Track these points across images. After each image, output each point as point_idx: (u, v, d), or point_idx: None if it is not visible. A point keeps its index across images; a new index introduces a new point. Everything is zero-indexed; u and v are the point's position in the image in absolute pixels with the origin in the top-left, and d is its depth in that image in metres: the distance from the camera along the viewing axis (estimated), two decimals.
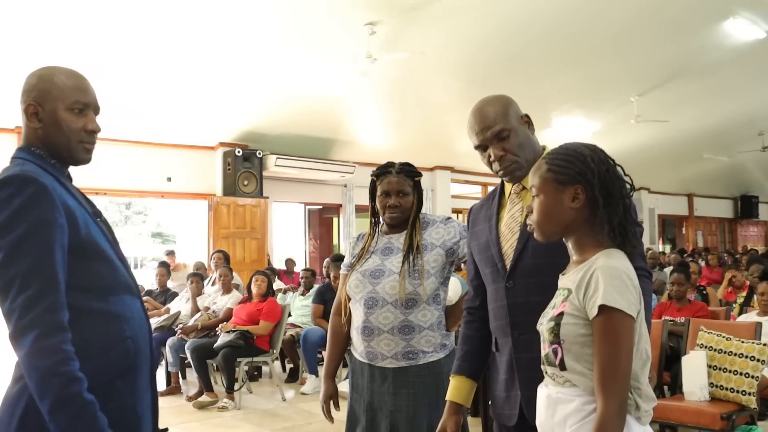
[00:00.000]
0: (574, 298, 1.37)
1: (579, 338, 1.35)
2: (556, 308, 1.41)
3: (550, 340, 1.39)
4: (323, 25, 6.80)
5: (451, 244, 2.27)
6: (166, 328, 6.12)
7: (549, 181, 1.43)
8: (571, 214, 1.42)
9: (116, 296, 1.49)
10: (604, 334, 1.31)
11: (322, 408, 2.34)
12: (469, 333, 1.89)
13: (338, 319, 2.37)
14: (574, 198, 1.41)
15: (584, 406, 1.34)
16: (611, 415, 1.28)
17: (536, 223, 1.46)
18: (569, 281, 1.41)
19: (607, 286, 1.31)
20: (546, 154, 1.52)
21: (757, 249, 14.90)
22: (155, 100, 7.84)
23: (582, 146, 1.47)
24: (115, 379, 1.45)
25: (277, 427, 4.91)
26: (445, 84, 8.56)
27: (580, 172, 1.41)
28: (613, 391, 1.28)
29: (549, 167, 1.44)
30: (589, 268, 1.37)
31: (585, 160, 1.42)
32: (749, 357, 3.66)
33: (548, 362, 1.42)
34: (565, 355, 1.36)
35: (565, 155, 1.45)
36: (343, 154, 10.10)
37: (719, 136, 12.35)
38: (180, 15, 6.29)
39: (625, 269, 1.36)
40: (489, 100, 1.78)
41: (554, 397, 1.40)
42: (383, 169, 2.34)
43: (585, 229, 1.43)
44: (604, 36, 7.67)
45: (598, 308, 1.31)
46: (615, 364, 1.29)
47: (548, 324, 1.40)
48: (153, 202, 17.99)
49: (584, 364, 1.35)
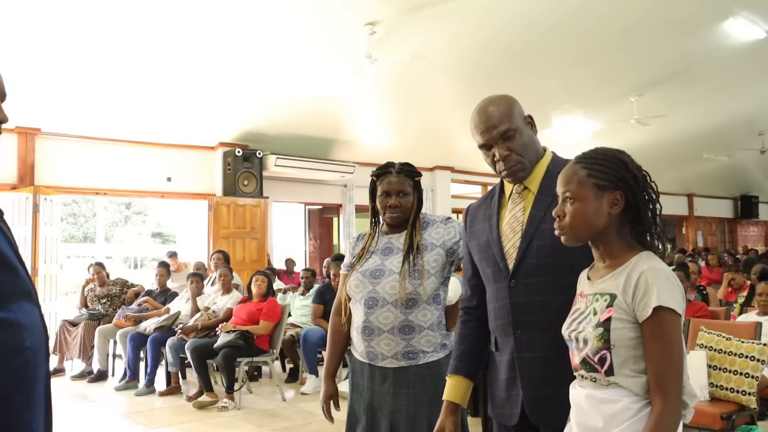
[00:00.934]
0: (621, 302, 1.38)
1: (629, 341, 1.37)
2: (600, 314, 1.40)
3: (598, 347, 1.38)
4: (323, 25, 6.81)
5: (451, 244, 2.27)
6: (166, 328, 6.12)
7: (588, 187, 1.43)
8: (607, 219, 1.43)
9: (16, 304, 1.32)
10: (659, 334, 1.33)
11: (322, 408, 2.34)
12: (465, 332, 1.88)
13: (338, 319, 2.37)
14: (612, 204, 1.42)
15: (631, 405, 1.36)
16: (671, 412, 1.31)
17: (570, 227, 1.45)
18: (611, 285, 1.41)
19: (659, 287, 1.34)
20: (577, 157, 1.52)
21: (757, 249, 14.89)
22: (155, 100, 7.84)
23: (618, 152, 1.49)
24: (12, 394, 1.30)
25: (277, 427, 4.91)
26: (445, 84, 8.56)
27: (621, 179, 1.43)
28: (672, 388, 1.31)
29: (589, 172, 1.44)
30: (631, 271, 1.39)
31: (626, 166, 1.45)
32: (749, 357, 3.66)
33: (588, 368, 1.42)
34: (614, 358, 1.37)
35: (604, 160, 1.45)
36: (343, 154, 10.10)
37: (719, 136, 12.35)
38: (180, 15, 6.29)
39: (668, 270, 1.39)
40: (494, 100, 1.78)
41: (598, 397, 1.40)
42: (383, 169, 2.34)
43: (616, 234, 1.45)
44: (604, 36, 7.67)
45: (653, 309, 1.33)
46: (672, 363, 1.32)
47: (596, 330, 1.39)
48: (153, 202, 18.02)
49: (631, 366, 1.37)
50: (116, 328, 6.53)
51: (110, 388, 6.20)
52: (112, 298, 7.12)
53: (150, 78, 7.33)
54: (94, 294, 7.16)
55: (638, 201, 1.42)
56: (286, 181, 9.89)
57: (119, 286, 7.29)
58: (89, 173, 8.39)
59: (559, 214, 1.46)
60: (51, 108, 7.66)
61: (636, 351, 1.36)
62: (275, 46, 7.08)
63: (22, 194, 7.73)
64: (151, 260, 19.56)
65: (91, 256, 17.42)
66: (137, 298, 6.99)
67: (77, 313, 7.14)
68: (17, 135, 7.87)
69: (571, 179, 1.45)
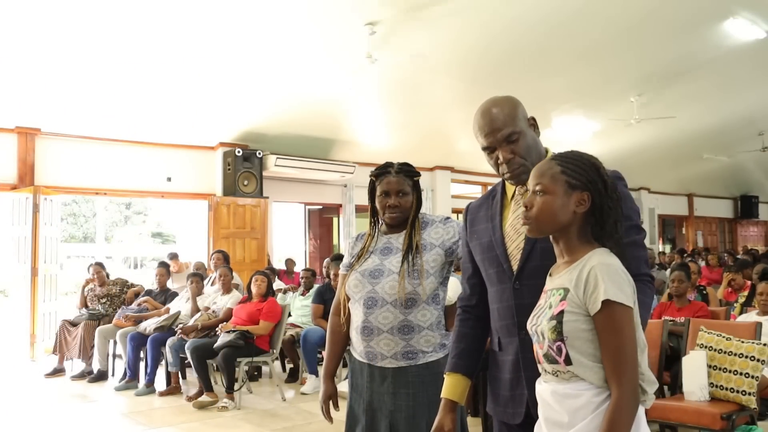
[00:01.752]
0: (574, 296, 1.44)
1: (581, 333, 1.42)
2: (554, 307, 1.46)
3: (552, 338, 1.44)
4: (323, 25, 6.81)
5: (450, 243, 2.27)
6: (166, 328, 6.12)
7: (560, 183, 1.49)
8: (571, 216, 1.49)
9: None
10: (609, 326, 1.39)
11: (321, 408, 2.34)
12: (464, 331, 1.88)
13: (337, 319, 2.37)
14: (579, 203, 1.49)
15: (593, 399, 1.41)
16: (626, 400, 1.37)
17: (535, 219, 1.51)
18: (565, 281, 1.47)
19: (607, 282, 1.40)
20: (553, 155, 1.56)
21: (757, 249, 14.89)
22: (155, 100, 7.84)
23: (592, 157, 1.56)
24: None
25: (277, 427, 4.91)
26: (445, 84, 8.56)
27: (591, 181, 1.49)
28: (625, 377, 1.37)
29: (563, 169, 1.50)
30: (584, 266, 1.45)
31: (598, 171, 1.51)
32: (749, 357, 3.65)
33: (549, 360, 1.47)
34: (569, 350, 1.42)
35: (579, 161, 1.52)
36: (343, 154, 10.10)
37: (719, 136, 12.35)
38: (180, 15, 6.29)
39: (618, 265, 1.45)
40: (497, 101, 1.77)
41: (561, 392, 1.45)
42: (382, 169, 2.34)
43: (577, 232, 1.51)
44: (604, 36, 7.67)
45: (602, 303, 1.38)
46: (623, 353, 1.38)
47: (549, 323, 1.45)
48: (153, 202, 18.00)
49: (588, 357, 1.42)
50: (116, 328, 6.53)
51: (110, 388, 6.20)
52: (112, 298, 7.12)
53: (150, 78, 7.33)
54: (94, 294, 7.16)
55: (603, 205, 1.48)
56: (286, 181, 9.89)
57: (119, 286, 7.29)
58: (89, 173, 8.39)
59: (527, 204, 1.52)
60: (51, 108, 7.67)
61: (592, 342, 1.42)
62: (275, 46, 7.08)
63: (22, 194, 7.74)
64: (151, 260, 19.56)
65: (91, 256, 17.42)
66: (137, 298, 6.99)
67: (77, 313, 7.14)
68: (17, 135, 7.87)
69: (545, 173, 1.51)
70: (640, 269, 1.58)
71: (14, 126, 7.82)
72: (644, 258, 1.63)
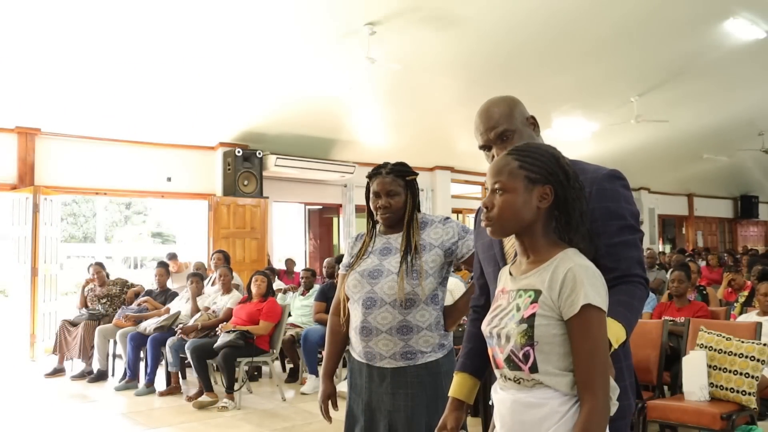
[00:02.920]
0: (547, 298, 1.35)
1: (553, 338, 1.34)
2: (523, 310, 1.37)
3: (521, 343, 1.35)
4: (323, 25, 6.81)
5: (449, 244, 2.27)
6: (166, 328, 6.12)
7: (519, 179, 1.41)
8: (535, 213, 1.41)
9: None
10: (584, 331, 1.31)
11: (320, 408, 2.34)
12: (474, 331, 1.89)
13: (336, 319, 2.37)
14: (542, 198, 1.41)
15: (559, 408, 1.33)
16: (600, 408, 1.30)
17: (497, 219, 1.41)
18: (535, 282, 1.39)
19: (587, 285, 1.32)
20: (510, 149, 1.49)
21: (757, 249, 14.89)
22: (155, 100, 7.84)
23: (551, 147, 1.47)
24: None
25: (277, 427, 4.91)
26: (444, 84, 8.56)
27: (552, 173, 1.41)
28: (599, 385, 1.30)
29: (521, 164, 1.42)
30: (557, 267, 1.36)
31: (558, 161, 1.43)
32: (749, 357, 3.65)
33: (511, 366, 1.38)
34: (537, 355, 1.34)
35: (536, 153, 1.43)
36: (343, 154, 10.10)
37: (719, 136, 12.35)
38: (180, 15, 6.29)
39: (594, 267, 1.37)
40: (495, 101, 1.79)
41: (523, 401, 1.37)
42: (376, 170, 2.35)
43: (542, 229, 1.43)
44: (604, 36, 7.67)
45: (581, 307, 1.31)
46: (599, 360, 1.31)
47: (519, 327, 1.35)
48: (153, 202, 18.00)
49: (555, 363, 1.34)
50: (116, 328, 6.53)
51: (110, 388, 6.20)
52: (112, 298, 7.12)
53: (150, 78, 7.33)
54: (94, 294, 7.16)
55: (567, 197, 1.40)
56: (286, 181, 9.89)
57: (119, 286, 7.29)
58: (89, 173, 8.39)
59: (488, 205, 1.43)
60: (51, 108, 7.67)
61: (560, 348, 1.34)
62: (275, 46, 7.08)
63: (22, 194, 7.74)
64: (151, 260, 19.56)
65: (91, 256, 17.42)
66: (137, 298, 6.99)
67: (77, 313, 7.14)
68: (17, 135, 7.87)
69: (503, 170, 1.42)
70: (631, 269, 1.54)
71: (14, 126, 7.82)
72: (637, 258, 1.57)
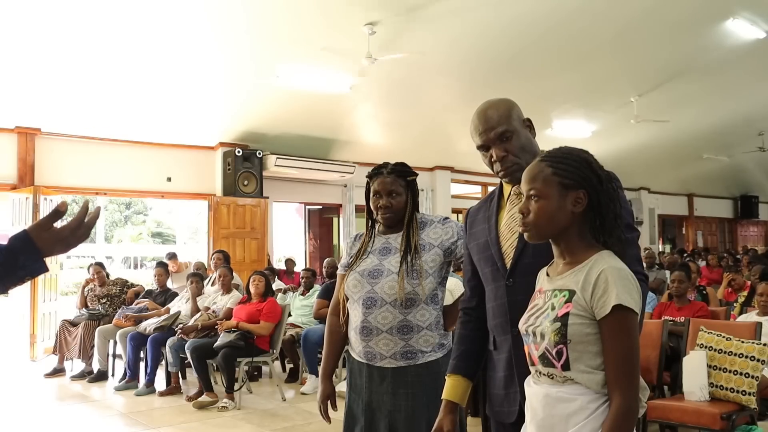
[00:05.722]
0: (580, 298, 1.40)
1: (585, 337, 1.39)
2: (558, 309, 1.43)
3: (555, 341, 1.41)
4: (323, 25, 6.80)
5: (449, 244, 2.27)
6: (166, 328, 6.12)
7: (553, 185, 1.45)
8: (570, 217, 1.45)
9: None
10: (617, 332, 1.36)
11: (319, 408, 2.34)
12: (465, 333, 1.91)
13: (336, 319, 2.37)
14: (576, 202, 1.45)
15: (588, 405, 1.38)
16: (628, 407, 1.34)
17: (534, 225, 1.47)
18: (569, 282, 1.44)
19: (618, 286, 1.36)
20: (542, 155, 1.53)
21: (756, 249, 14.88)
22: (155, 100, 7.84)
23: (583, 151, 1.51)
24: None
25: (277, 427, 4.91)
26: (445, 84, 8.56)
27: (585, 178, 1.45)
28: (629, 385, 1.35)
29: (554, 170, 1.46)
30: (591, 269, 1.41)
31: (591, 166, 1.47)
32: (749, 357, 3.66)
33: (545, 363, 1.44)
34: (570, 353, 1.40)
35: (569, 159, 1.47)
36: (343, 154, 10.10)
37: (719, 136, 12.35)
38: (180, 15, 6.29)
39: (627, 270, 1.41)
40: (493, 103, 1.82)
41: (554, 396, 1.42)
42: (377, 170, 2.35)
43: (577, 232, 1.47)
44: (604, 36, 7.67)
45: (612, 308, 1.35)
46: (629, 360, 1.36)
47: (553, 325, 1.41)
48: (153, 202, 18.02)
49: (586, 362, 1.39)
50: (116, 328, 6.53)
51: (110, 388, 6.20)
52: (112, 298, 7.13)
53: (150, 78, 7.33)
54: (94, 294, 7.16)
55: (601, 200, 1.45)
56: (286, 181, 9.89)
57: (119, 286, 7.29)
58: (89, 173, 8.39)
59: (524, 211, 1.48)
60: (51, 108, 7.67)
61: (592, 347, 1.39)
62: (275, 46, 7.08)
63: (22, 194, 7.73)
64: (151, 260, 19.57)
65: (91, 256, 17.43)
66: (137, 298, 6.99)
67: (77, 313, 7.14)
68: (17, 135, 7.87)
69: (537, 177, 1.47)
70: (631, 266, 1.56)
71: (14, 126, 7.82)
72: (636, 256, 1.62)
